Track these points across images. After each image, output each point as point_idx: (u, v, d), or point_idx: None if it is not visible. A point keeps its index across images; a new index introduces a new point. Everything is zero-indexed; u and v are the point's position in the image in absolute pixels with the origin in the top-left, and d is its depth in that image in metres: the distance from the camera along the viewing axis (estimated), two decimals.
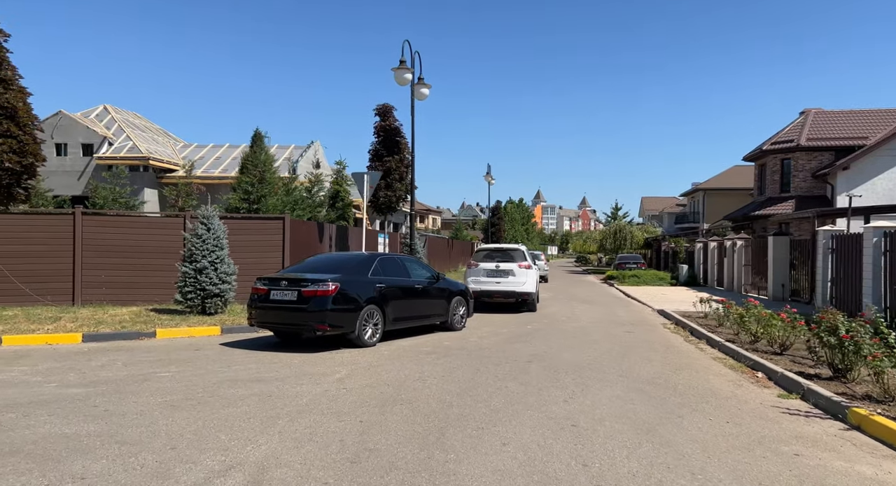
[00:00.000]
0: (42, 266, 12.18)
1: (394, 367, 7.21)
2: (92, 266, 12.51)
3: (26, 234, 12.13)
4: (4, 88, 10.09)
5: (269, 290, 8.44)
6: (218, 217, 11.46)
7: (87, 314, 10.88)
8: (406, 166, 15.63)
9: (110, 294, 12.53)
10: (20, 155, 10.21)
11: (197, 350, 8.38)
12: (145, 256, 12.76)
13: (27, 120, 10.39)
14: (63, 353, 8.13)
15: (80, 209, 12.53)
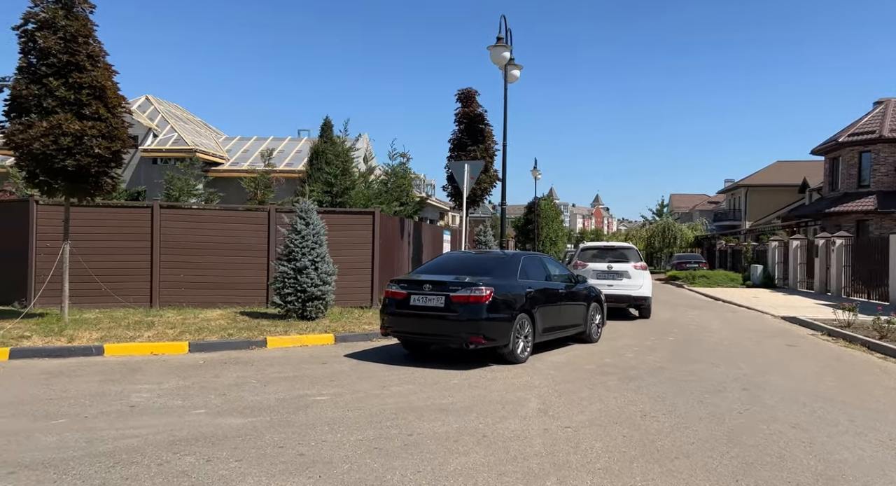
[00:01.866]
0: (119, 264, 11.18)
1: (586, 394, 6.03)
2: (170, 264, 11.48)
3: (104, 229, 11.13)
4: (92, 65, 9.00)
5: (407, 294, 7.31)
6: (316, 211, 10.36)
7: (176, 318, 9.84)
8: (491, 156, 14.41)
9: (189, 295, 11.50)
10: (109, 140, 9.12)
11: (324, 364, 7.29)
12: (225, 253, 11.72)
13: (116, 101, 9.30)
14: (178, 366, 7.07)
15: (157, 203, 11.50)
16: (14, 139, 8.56)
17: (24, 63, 8.88)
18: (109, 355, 7.61)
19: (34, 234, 10.85)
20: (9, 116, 8.87)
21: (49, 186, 8.95)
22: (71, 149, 8.77)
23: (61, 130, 8.66)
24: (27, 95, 8.67)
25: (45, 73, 8.70)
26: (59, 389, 5.93)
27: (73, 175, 8.99)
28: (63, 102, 8.82)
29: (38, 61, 8.80)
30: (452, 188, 14.69)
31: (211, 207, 12.28)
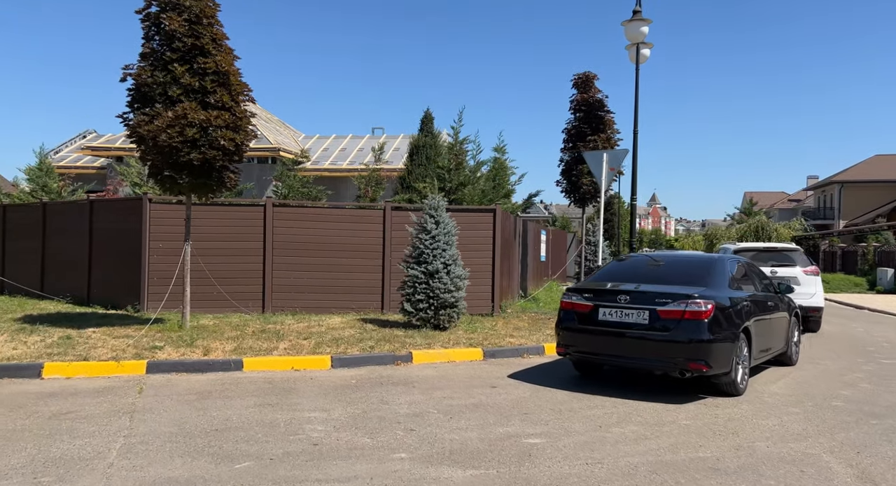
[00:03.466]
0: (230, 266, 10.49)
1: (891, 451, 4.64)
2: (281, 266, 10.72)
3: (216, 228, 10.47)
4: (216, 49, 8.28)
5: (594, 307, 6.08)
6: (446, 209, 9.32)
7: (299, 326, 9.00)
8: (613, 146, 13.03)
9: (301, 299, 10.70)
10: (234, 131, 8.38)
11: (494, 387, 6.17)
12: (337, 254, 10.86)
13: (239, 88, 8.56)
14: (331, 386, 6.12)
15: (270, 200, 10.77)
16: (139, 131, 7.90)
17: (147, 49, 8.23)
18: (249, 371, 6.76)
19: (147, 234, 10.31)
20: (132, 107, 8.25)
21: (173, 181, 8.26)
22: (196, 141, 8.04)
23: (187, 121, 7.94)
24: (152, 83, 8.00)
25: (169, 59, 8.01)
26: (220, 416, 5.06)
27: (197, 170, 8.27)
28: (188, 89, 8.11)
29: (162, 46, 8.14)
30: (569, 184, 13.42)
31: (321, 205, 11.51)
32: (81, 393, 5.72)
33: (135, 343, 7.36)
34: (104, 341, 7.48)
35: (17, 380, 6.16)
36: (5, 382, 6.09)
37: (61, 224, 11.86)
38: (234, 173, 8.81)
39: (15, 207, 13.18)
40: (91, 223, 11.20)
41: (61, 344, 7.25)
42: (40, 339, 7.56)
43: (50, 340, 7.52)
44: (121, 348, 7.08)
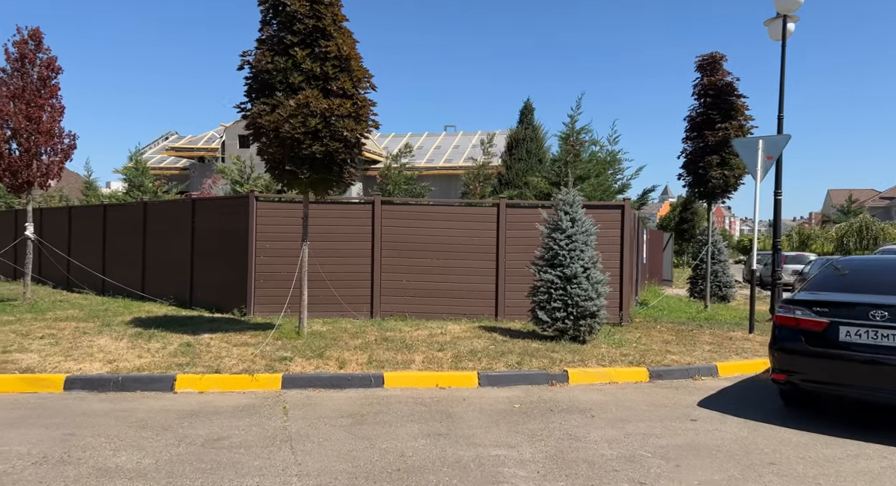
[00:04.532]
0: (338, 268, 9.86)
1: None
2: (390, 268, 10.01)
3: (326, 228, 9.87)
4: (336, 31, 7.61)
5: (831, 323, 4.91)
6: (581, 204, 8.30)
7: (420, 334, 8.21)
8: (746, 134, 11.62)
9: (410, 304, 9.95)
10: (356, 121, 7.70)
11: (693, 421, 5.11)
12: (446, 255, 10.04)
13: (361, 74, 7.87)
14: (497, 411, 5.24)
15: (378, 198, 10.06)
16: (260, 122, 7.30)
17: (266, 33, 7.64)
18: (391, 388, 5.99)
19: (253, 233, 9.82)
20: (251, 96, 7.69)
21: (294, 177, 7.63)
22: (318, 132, 7.38)
23: (308, 110, 7.29)
24: (272, 70, 7.39)
25: (290, 43, 7.38)
26: (390, 449, 4.26)
27: (318, 164, 7.62)
28: (308, 76, 7.46)
29: (281, 29, 7.53)
30: (693, 177, 12.07)
31: (427, 202, 10.76)
32: (224, 412, 5.09)
33: (261, 353, 6.74)
34: (227, 350, 6.91)
35: (151, 393, 5.61)
36: (139, 395, 5.55)
37: (162, 224, 11.62)
38: (353, 168, 8.14)
39: (115, 207, 13.12)
40: (193, 223, 10.86)
41: (185, 353, 6.73)
42: (161, 346, 7.08)
43: (171, 347, 7.02)
44: (248, 359, 6.47)
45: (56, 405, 5.20)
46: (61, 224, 14.01)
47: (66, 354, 6.56)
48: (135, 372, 5.86)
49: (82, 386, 5.62)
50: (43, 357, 6.36)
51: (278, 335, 7.82)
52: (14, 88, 10.02)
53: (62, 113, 10.53)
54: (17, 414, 4.91)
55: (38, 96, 10.16)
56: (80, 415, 4.92)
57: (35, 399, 5.34)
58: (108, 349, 6.85)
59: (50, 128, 10.28)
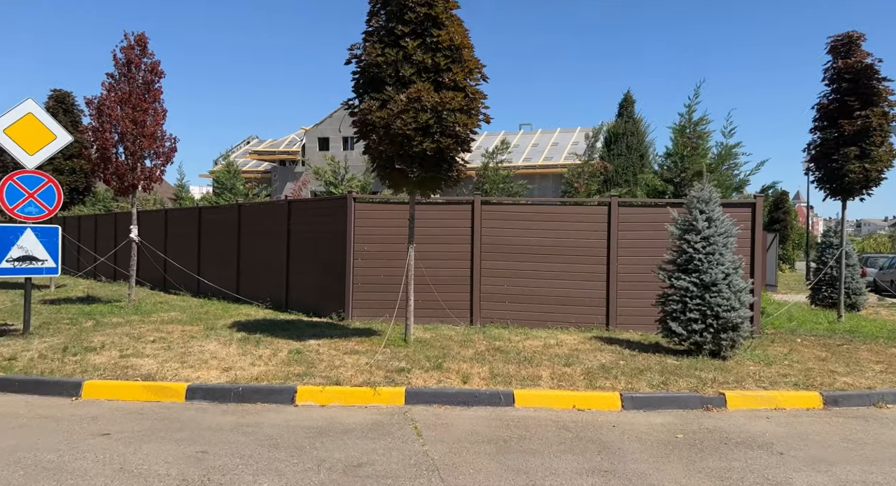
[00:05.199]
0: (437, 272, 9.39)
1: None
2: (490, 272, 9.44)
3: (424, 230, 9.44)
4: (448, 19, 7.13)
5: None
6: (719, 202, 7.41)
7: (533, 345, 7.58)
8: (890, 121, 10.24)
9: (512, 310, 9.33)
10: (467, 115, 7.20)
11: None
12: (550, 258, 9.35)
13: (473, 65, 7.37)
14: (653, 441, 4.53)
15: (478, 198, 9.52)
16: (370, 118, 6.91)
17: (374, 25, 7.27)
18: (523, 407, 5.39)
19: (352, 236, 9.53)
20: (359, 92, 7.34)
21: (403, 176, 7.20)
22: (429, 127, 6.92)
23: (420, 104, 6.84)
24: (382, 63, 7.00)
25: (401, 33, 6.96)
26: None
27: (428, 161, 7.16)
28: (420, 68, 7.01)
29: (391, 20, 7.12)
30: (825, 172, 10.78)
31: (523, 201, 10.16)
32: (353, 431, 4.66)
33: (375, 364, 6.32)
34: (339, 359, 6.55)
35: (272, 406, 5.29)
36: (260, 408, 5.24)
37: (257, 226, 11.60)
38: (463, 166, 7.63)
39: (210, 209, 13.31)
40: (289, 225, 10.73)
41: (297, 361, 6.41)
42: (271, 353, 6.82)
43: (281, 354, 6.75)
44: (365, 370, 6.06)
45: (180, 416, 4.95)
46: (158, 227, 14.40)
47: (181, 360, 6.40)
48: (253, 382, 5.57)
49: (203, 396, 5.37)
50: (160, 363, 6.21)
51: (385, 343, 7.42)
52: (122, 92, 10.24)
53: (164, 116, 10.68)
54: (146, 426, 4.68)
55: (142, 100, 10.33)
56: (206, 430, 4.63)
57: (158, 409, 5.13)
58: (220, 355, 6.66)
59: (153, 131, 10.43)
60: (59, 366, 6.02)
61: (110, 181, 10.49)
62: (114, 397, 5.38)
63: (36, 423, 4.67)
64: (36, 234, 7.58)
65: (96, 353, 6.68)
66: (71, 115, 14.28)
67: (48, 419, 4.76)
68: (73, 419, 4.77)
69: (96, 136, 10.21)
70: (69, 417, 4.84)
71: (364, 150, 7.55)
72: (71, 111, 14.34)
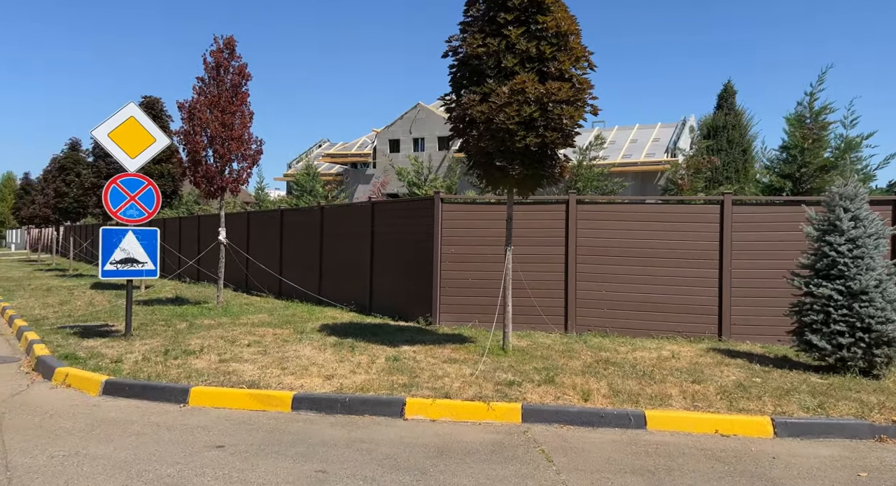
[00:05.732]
0: (528, 276, 8.86)
1: None
2: (586, 276, 8.83)
3: (516, 231, 8.95)
4: (553, 4, 6.63)
5: None
6: (867, 199, 6.51)
7: (644, 357, 6.92)
8: None
9: (611, 318, 8.67)
10: (574, 107, 6.69)
11: None
12: (653, 262, 8.62)
13: (580, 53, 6.85)
14: (842, 481, 3.84)
15: (574, 196, 8.94)
16: (471, 113, 6.51)
17: (473, 14, 6.86)
18: (656, 430, 4.81)
19: (439, 237, 9.18)
20: (457, 85, 6.96)
21: (504, 173, 6.75)
22: (533, 121, 6.44)
23: (524, 96, 6.38)
24: (482, 54, 6.58)
25: (503, 21, 6.51)
26: None
27: (531, 157, 6.68)
28: (523, 58, 6.55)
29: (492, 7, 6.69)
30: None
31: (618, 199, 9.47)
32: (475, 452, 4.24)
33: (481, 374, 5.89)
34: (440, 368, 6.17)
35: (380, 419, 4.97)
36: (369, 421, 4.93)
37: (339, 228, 11.50)
38: (566, 162, 7.10)
39: (292, 211, 13.40)
40: (373, 226, 10.53)
41: (397, 369, 6.09)
42: (368, 359, 6.55)
43: (379, 361, 6.45)
44: (472, 381, 5.64)
45: (290, 428, 4.71)
46: (240, 229, 14.66)
47: (281, 366, 6.22)
48: (359, 393, 5.27)
49: (309, 406, 5.12)
50: (261, 369, 6.05)
51: (482, 351, 6.99)
52: (211, 96, 10.37)
53: (251, 119, 10.74)
54: (258, 439, 4.45)
55: (231, 103, 10.43)
56: (320, 445, 4.34)
57: (266, 420, 4.91)
58: (318, 361, 6.44)
59: (241, 134, 10.50)
60: (164, 370, 5.97)
61: (200, 184, 10.65)
62: (220, 405, 5.23)
63: (150, 432, 4.55)
64: (137, 236, 7.68)
65: (196, 357, 6.63)
66: (160, 120, 14.77)
67: (161, 428, 4.63)
68: (185, 429, 4.62)
69: (187, 139, 10.39)
70: (181, 426, 4.69)
71: (460, 147, 7.16)
72: (160, 117, 14.84)
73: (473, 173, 7.25)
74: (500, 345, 7.18)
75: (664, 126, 22.29)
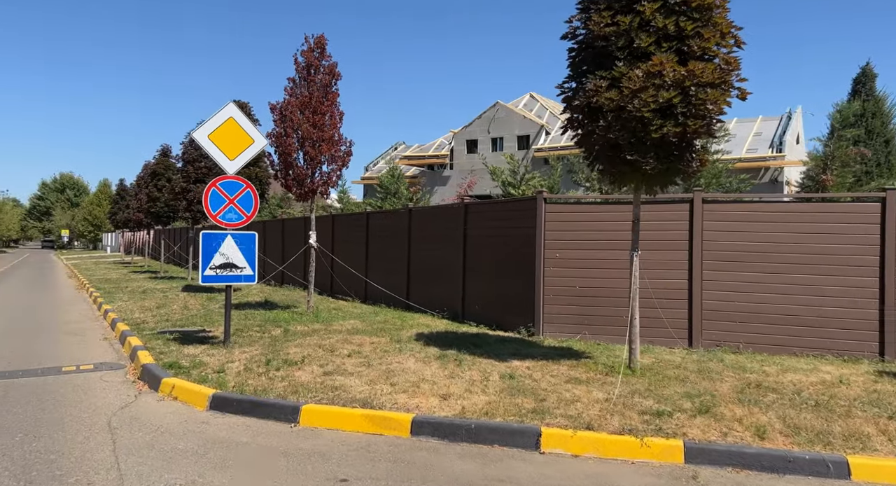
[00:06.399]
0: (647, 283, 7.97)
1: None
2: (714, 285, 7.82)
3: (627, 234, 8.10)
4: None
5: None
6: None
7: (804, 381, 5.89)
8: None
9: (744, 333, 7.63)
10: (720, 90, 5.81)
11: None
12: (794, 267, 7.50)
13: (726, 27, 5.98)
14: None
15: (700, 194, 7.97)
16: (598, 101, 5.77)
17: None
18: (864, 482, 3.87)
19: (542, 241, 8.46)
20: (578, 71, 6.22)
21: (635, 168, 5.94)
22: (672, 107, 5.61)
23: (661, 80, 5.57)
24: (611, 34, 5.81)
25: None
26: None
27: (667, 148, 5.85)
28: (660, 36, 5.74)
29: None
30: None
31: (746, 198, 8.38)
32: None
33: (621, 401, 5.12)
34: (566, 390, 5.45)
35: (513, 451, 4.31)
36: (500, 452, 4.29)
37: (429, 230, 11.02)
38: (706, 154, 6.21)
39: (378, 214, 13.09)
40: (465, 229, 9.96)
41: (518, 390, 5.43)
42: (480, 376, 5.93)
43: (493, 379, 5.82)
44: (609, 408, 4.88)
45: (414, 458, 4.15)
46: (325, 232, 14.53)
47: (388, 380, 5.72)
48: (484, 418, 4.65)
49: (431, 432, 4.55)
50: (369, 385, 5.57)
51: (605, 370, 6.21)
52: (302, 96, 10.17)
53: (341, 119, 10.46)
54: (382, 471, 3.92)
55: (321, 103, 10.18)
56: (454, 482, 3.75)
57: (386, 446, 4.39)
58: (426, 376, 5.89)
59: (331, 134, 10.23)
60: (269, 383, 5.62)
61: (291, 187, 10.47)
62: (333, 426, 4.76)
63: (263, 458, 4.13)
64: (235, 240, 7.46)
65: (298, 367, 6.26)
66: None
67: (276, 454, 4.20)
68: (301, 456, 4.16)
69: (279, 141, 10.23)
70: (296, 451, 4.25)
71: (578, 141, 6.40)
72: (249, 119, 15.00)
73: (594, 169, 6.49)
74: (626, 363, 6.37)
75: (766, 119, 20.40)
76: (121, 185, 32.77)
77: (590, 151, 6.37)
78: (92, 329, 9.65)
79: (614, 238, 8.17)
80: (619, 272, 8.08)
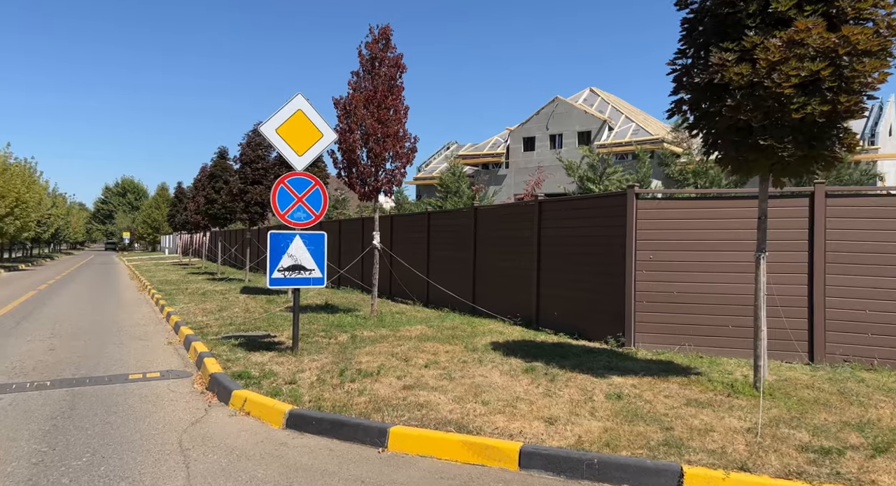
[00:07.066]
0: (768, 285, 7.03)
1: None
2: (841, 291, 6.79)
3: (732, 232, 7.18)
4: None
5: None
6: None
7: None
8: None
9: (881, 347, 6.57)
10: (878, 57, 4.90)
11: None
12: None
13: None
14: None
15: (822, 187, 6.97)
16: (725, 76, 4.93)
17: None
18: None
19: (633, 241, 7.63)
20: (695, 44, 5.41)
21: (765, 154, 5.08)
22: (819, 82, 4.73)
23: (805, 49, 4.69)
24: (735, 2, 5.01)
25: None
26: None
27: (808, 132, 4.96)
28: None
29: None
30: None
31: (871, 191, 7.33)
32: None
33: (771, 435, 4.26)
34: (690, 415, 4.64)
35: None
36: None
37: (497, 230, 10.32)
38: (855, 137, 5.27)
39: (440, 214, 12.50)
40: (539, 229, 9.21)
41: (633, 414, 4.65)
42: (581, 395, 5.18)
43: (597, 399, 5.07)
44: (759, 443, 4.05)
45: None
46: (384, 233, 14.04)
47: (478, 398, 5.06)
48: (606, 450, 3.91)
49: (543, 465, 3.85)
50: (458, 403, 4.92)
51: (725, 389, 5.35)
52: (366, 91, 9.68)
53: (406, 114, 9.91)
54: None
55: (386, 98, 9.66)
56: None
57: (492, 482, 3.72)
58: (518, 393, 5.19)
59: (396, 130, 9.70)
60: (346, 398, 5.06)
61: (355, 185, 9.99)
62: (426, 453, 4.14)
63: None
64: (304, 241, 6.98)
65: (374, 379, 5.69)
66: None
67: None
68: None
69: (343, 137, 9.77)
70: (390, 484, 3.63)
71: (692, 124, 5.57)
72: None
73: (712, 154, 5.63)
74: (750, 381, 5.48)
75: None
76: (178, 188, 33.54)
77: (706, 136, 5.52)
78: (156, 333, 9.43)
79: (718, 237, 7.25)
80: (725, 276, 7.15)
